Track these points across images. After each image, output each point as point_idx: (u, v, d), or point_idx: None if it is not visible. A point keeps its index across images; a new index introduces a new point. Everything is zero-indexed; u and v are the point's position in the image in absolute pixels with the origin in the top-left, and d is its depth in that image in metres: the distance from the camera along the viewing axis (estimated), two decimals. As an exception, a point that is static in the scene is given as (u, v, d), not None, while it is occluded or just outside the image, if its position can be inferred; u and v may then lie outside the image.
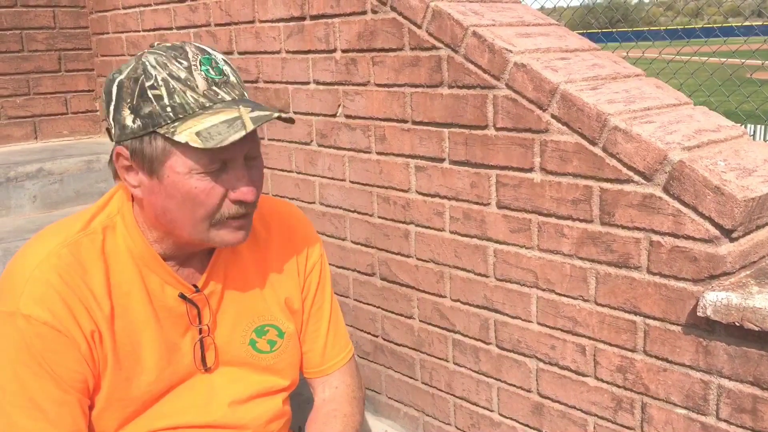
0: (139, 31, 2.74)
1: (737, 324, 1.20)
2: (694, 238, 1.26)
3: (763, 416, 1.23)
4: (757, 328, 1.18)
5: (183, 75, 1.04)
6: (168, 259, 1.15)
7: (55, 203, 2.59)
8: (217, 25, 2.28)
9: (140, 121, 1.04)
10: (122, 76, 1.06)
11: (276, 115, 1.06)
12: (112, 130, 1.08)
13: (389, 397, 2.00)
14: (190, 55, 1.06)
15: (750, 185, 1.24)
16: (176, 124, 1.03)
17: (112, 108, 1.07)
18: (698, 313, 1.25)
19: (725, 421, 1.29)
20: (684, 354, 1.32)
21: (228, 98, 1.06)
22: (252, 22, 2.14)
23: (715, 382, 1.29)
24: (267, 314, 1.26)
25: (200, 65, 1.05)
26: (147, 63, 1.04)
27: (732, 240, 1.25)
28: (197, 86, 1.04)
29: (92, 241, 1.11)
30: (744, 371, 1.24)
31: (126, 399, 1.14)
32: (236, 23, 2.20)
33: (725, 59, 3.88)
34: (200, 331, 1.19)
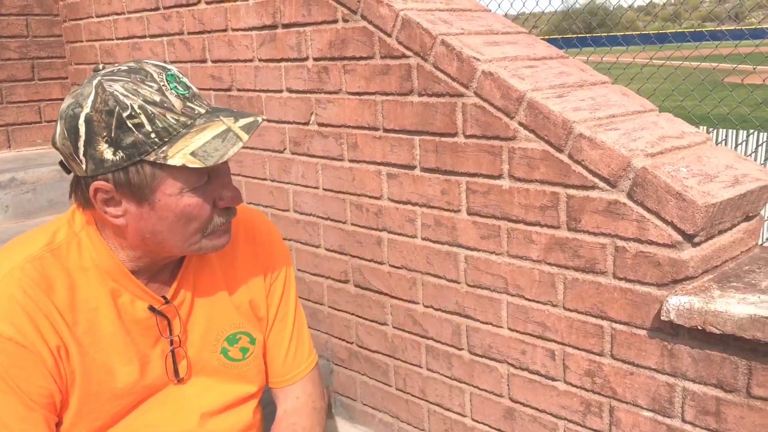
0: (112, 40, 2.73)
1: (700, 327, 1.22)
2: (657, 244, 1.29)
3: (727, 418, 1.25)
4: (718, 332, 1.20)
5: (158, 98, 1.02)
6: (137, 274, 1.14)
7: (28, 212, 2.57)
8: (190, 33, 2.28)
9: (123, 153, 1.01)
10: (87, 110, 1.01)
11: (261, 119, 1.07)
12: (82, 166, 1.04)
13: (364, 404, 2.01)
14: (155, 75, 1.04)
15: (711, 191, 1.27)
16: (165, 148, 1.01)
17: (81, 144, 1.02)
18: (662, 317, 1.27)
19: (690, 423, 1.31)
20: (649, 357, 1.34)
21: (202, 110, 1.06)
22: (225, 30, 2.14)
23: (680, 384, 1.31)
24: (237, 321, 1.26)
25: (168, 83, 1.04)
26: (117, 93, 1.01)
27: (694, 245, 1.27)
28: (174, 106, 1.03)
29: (57, 257, 1.10)
30: (707, 374, 1.26)
31: (95, 413, 1.13)
32: (209, 31, 2.20)
33: (697, 64, 3.94)
34: (171, 342, 1.19)
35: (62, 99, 3.12)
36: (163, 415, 1.19)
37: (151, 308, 1.15)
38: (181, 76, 1.08)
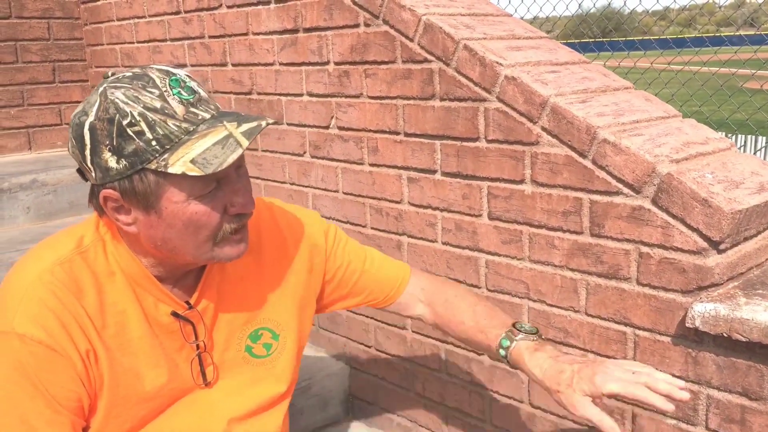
0: (133, 43, 2.75)
1: (725, 335, 1.21)
2: (682, 250, 1.28)
3: (752, 426, 1.24)
4: (744, 339, 1.19)
5: (158, 104, 1.00)
6: (161, 280, 1.14)
7: (48, 214, 2.59)
8: (210, 37, 2.30)
9: (126, 161, 1.01)
10: (91, 118, 1.01)
11: (264, 124, 1.05)
12: (92, 174, 1.04)
13: (382, 408, 2.01)
14: (157, 81, 1.02)
15: (737, 197, 1.26)
16: (166, 155, 1.00)
17: (88, 152, 1.03)
18: (687, 324, 1.26)
19: (714, 431, 1.30)
20: (673, 364, 1.33)
21: (207, 116, 1.04)
22: (245, 34, 2.15)
23: (704, 392, 1.30)
24: (259, 318, 1.25)
25: (171, 89, 1.02)
26: (117, 100, 1.00)
27: (720, 252, 1.26)
28: (176, 112, 1.01)
29: (85, 259, 1.10)
30: (732, 381, 1.25)
31: (123, 416, 1.13)
32: (230, 35, 2.21)
33: (716, 69, 3.92)
34: (197, 347, 1.19)
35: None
36: (190, 420, 1.19)
37: (174, 313, 1.16)
38: (187, 80, 1.06)
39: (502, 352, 1.25)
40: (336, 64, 1.88)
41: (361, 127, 1.86)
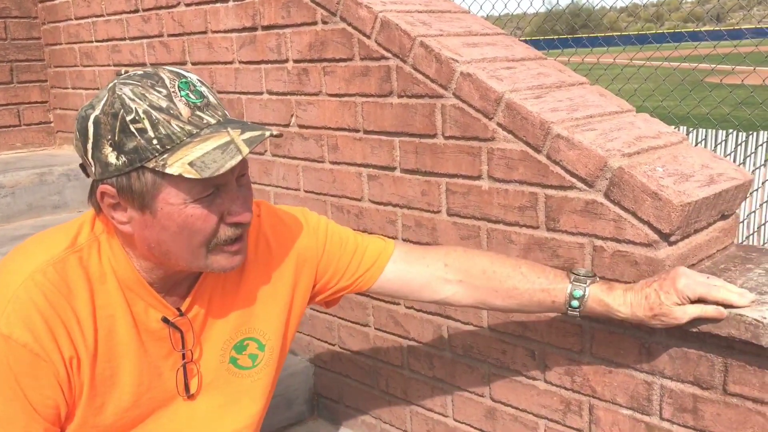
0: (92, 42, 2.71)
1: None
2: (634, 243, 1.30)
3: (704, 415, 1.27)
4: (695, 330, 1.21)
5: (164, 104, 1.00)
6: (153, 285, 1.13)
7: (7, 217, 2.55)
8: (170, 35, 2.28)
9: (125, 157, 1.00)
10: (97, 112, 1.01)
11: (268, 134, 1.04)
12: (92, 168, 1.04)
13: (347, 405, 2.01)
14: (167, 81, 1.02)
15: (687, 190, 1.28)
16: (165, 156, 0.99)
17: (90, 146, 1.02)
18: (640, 316, 1.28)
19: (668, 420, 1.32)
20: (628, 355, 1.35)
21: (213, 121, 1.02)
22: (204, 32, 2.13)
23: (658, 382, 1.32)
24: (244, 328, 1.23)
25: (179, 91, 1.01)
26: (124, 96, 0.99)
27: (670, 244, 1.28)
28: (181, 114, 1.00)
29: (79, 260, 1.08)
30: (684, 371, 1.28)
31: (99, 426, 1.11)
32: (189, 34, 2.19)
33: (677, 64, 3.98)
34: (183, 356, 1.17)
35: (42, 102, 3.10)
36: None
37: (165, 319, 1.14)
38: (198, 84, 1.05)
39: (575, 303, 1.24)
40: (295, 62, 1.87)
41: (320, 124, 1.85)
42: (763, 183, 4.07)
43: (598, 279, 1.27)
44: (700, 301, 1.17)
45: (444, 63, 1.52)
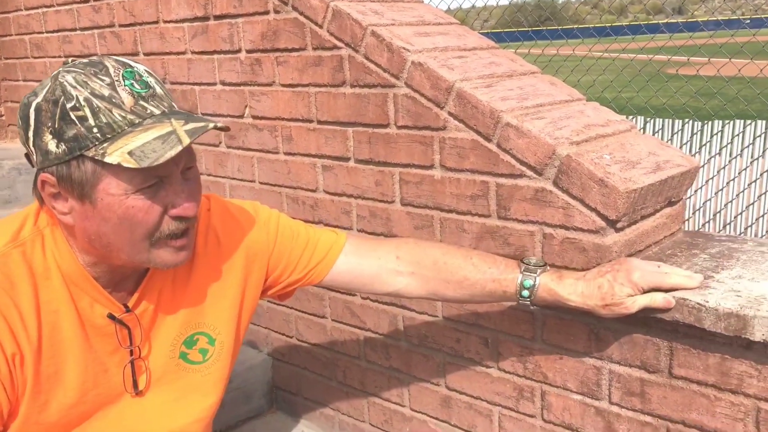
0: (42, 33, 2.65)
1: (623, 310, 1.25)
2: (582, 230, 1.31)
3: (650, 398, 1.29)
4: (641, 314, 1.23)
5: (107, 92, 0.98)
6: (100, 281, 1.10)
7: (-46, 212, 2.48)
8: (121, 26, 2.23)
9: (65, 146, 0.98)
10: (39, 99, 1.00)
11: (212, 126, 1.03)
12: (33, 157, 1.02)
13: (305, 398, 2.00)
14: (111, 70, 1.00)
15: (633, 177, 1.29)
16: (105, 144, 0.97)
17: (31, 134, 1.01)
18: (588, 302, 1.29)
19: (617, 404, 1.34)
20: (577, 341, 1.37)
21: (157, 111, 1.01)
22: (156, 22, 2.10)
23: (607, 367, 1.34)
24: (194, 322, 1.21)
25: (123, 80, 1.00)
26: (66, 83, 0.98)
27: (617, 230, 1.30)
28: (123, 103, 0.99)
29: (22, 255, 1.05)
30: (632, 356, 1.30)
31: (43, 423, 1.09)
32: (140, 24, 2.16)
33: (634, 55, 4.03)
34: (131, 353, 1.15)
35: (-9, 94, 3.02)
36: (116, 430, 1.16)
37: (111, 316, 1.12)
38: (145, 75, 1.03)
39: (525, 293, 1.24)
40: (248, 52, 1.85)
41: (274, 115, 1.84)
42: (718, 171, 4.15)
43: (548, 268, 1.27)
44: (653, 290, 1.18)
45: (395, 52, 1.52)
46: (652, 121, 4.30)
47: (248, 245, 1.28)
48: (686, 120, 4.21)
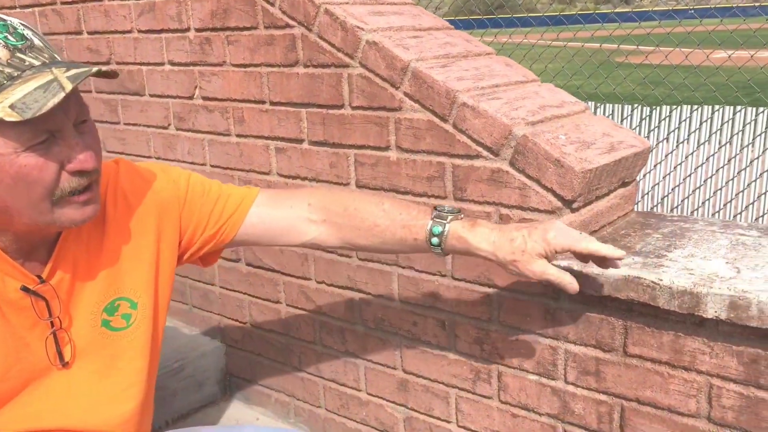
0: (-21, 10, 2.53)
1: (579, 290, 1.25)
2: (538, 210, 1.31)
3: (605, 377, 1.30)
4: (596, 293, 1.23)
5: None
6: (9, 252, 1.06)
7: None
8: (63, 3, 2.14)
9: None
10: None
11: (95, 69, 0.98)
12: None
13: (260, 384, 1.97)
14: None
15: (588, 157, 1.30)
16: None
17: None
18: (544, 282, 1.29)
19: (572, 384, 1.35)
20: (534, 322, 1.37)
21: (37, 63, 0.97)
22: (100, -1, 2.02)
23: (562, 347, 1.34)
24: (114, 288, 1.18)
25: None
26: None
27: (573, 210, 1.30)
28: None
29: None
30: (587, 335, 1.30)
31: None
32: (84, 1, 2.07)
33: (582, 44, 4.08)
34: (51, 324, 1.11)
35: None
36: (48, 405, 1.12)
37: (25, 288, 1.07)
38: (20, 27, 0.99)
39: (435, 240, 1.16)
40: (197, 30, 1.79)
41: (225, 96, 1.79)
42: (666, 156, 4.24)
43: (462, 216, 1.19)
44: (568, 252, 1.12)
45: (350, 31, 1.49)
46: (602, 106, 4.36)
47: (158, 204, 1.23)
48: (635, 105, 4.29)
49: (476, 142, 1.36)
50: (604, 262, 1.13)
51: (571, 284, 1.10)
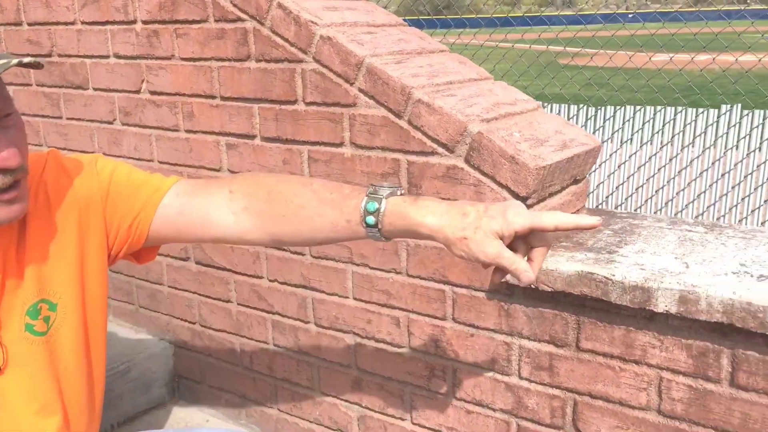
0: None
1: (533, 286, 1.26)
2: (493, 207, 1.31)
3: (559, 372, 1.31)
4: (549, 289, 1.25)
5: None
6: None
7: None
8: (1, -8, 2.06)
9: None
10: None
11: (15, 62, 0.93)
12: None
13: (210, 385, 1.93)
14: None
15: (542, 154, 1.31)
16: None
17: None
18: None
19: (526, 379, 1.36)
20: (488, 319, 1.37)
21: None
22: (41, -11, 1.95)
23: (517, 343, 1.35)
24: (37, 290, 1.11)
25: None
26: None
27: (527, 207, 1.31)
28: None
29: None
30: (541, 331, 1.32)
31: None
32: (23, -10, 1.99)
33: (529, 45, 4.14)
34: None
35: None
36: None
37: None
38: None
39: (370, 219, 0.98)
40: (144, 23, 1.74)
41: (174, 91, 1.74)
42: (610, 155, 4.33)
43: (402, 192, 1.01)
44: (533, 227, 0.92)
45: (303, 26, 1.47)
46: (549, 106, 4.44)
47: (79, 198, 1.14)
48: (581, 105, 4.37)
49: (431, 139, 1.36)
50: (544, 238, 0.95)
51: (527, 273, 0.91)
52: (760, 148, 4.10)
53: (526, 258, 0.94)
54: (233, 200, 1.10)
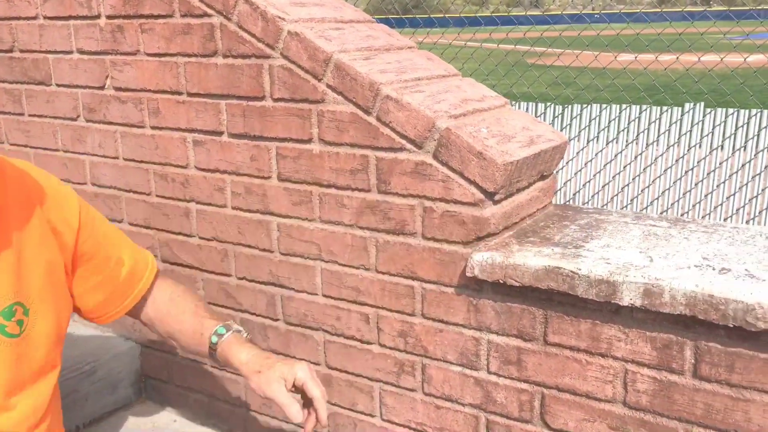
0: None
1: (501, 281, 1.27)
2: (461, 203, 1.32)
3: (527, 366, 1.33)
4: (518, 284, 1.26)
5: None
6: None
7: None
8: (-40, -15, 2.01)
9: None
10: None
11: None
12: None
13: (177, 385, 1.91)
14: None
15: (509, 150, 1.32)
16: None
17: None
18: (467, 274, 1.31)
19: (495, 374, 1.37)
20: (457, 314, 1.38)
21: None
22: (2, -17, 1.90)
23: (485, 338, 1.36)
24: (11, 293, 1.11)
25: None
26: None
27: (495, 203, 1.32)
28: None
29: None
30: (509, 325, 1.33)
31: None
32: (-17, -16, 1.95)
33: (496, 45, 4.17)
34: None
35: None
36: None
37: None
38: None
39: (214, 339, 1.30)
40: (108, 18, 1.72)
41: (139, 87, 1.72)
42: (577, 153, 4.38)
43: (250, 336, 1.36)
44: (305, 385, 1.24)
45: (270, 21, 1.46)
46: (516, 104, 4.47)
47: (69, 205, 1.25)
48: (548, 104, 4.42)
49: (400, 135, 1.36)
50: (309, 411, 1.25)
51: (294, 416, 1.20)
52: (722, 146, 4.19)
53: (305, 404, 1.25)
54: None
